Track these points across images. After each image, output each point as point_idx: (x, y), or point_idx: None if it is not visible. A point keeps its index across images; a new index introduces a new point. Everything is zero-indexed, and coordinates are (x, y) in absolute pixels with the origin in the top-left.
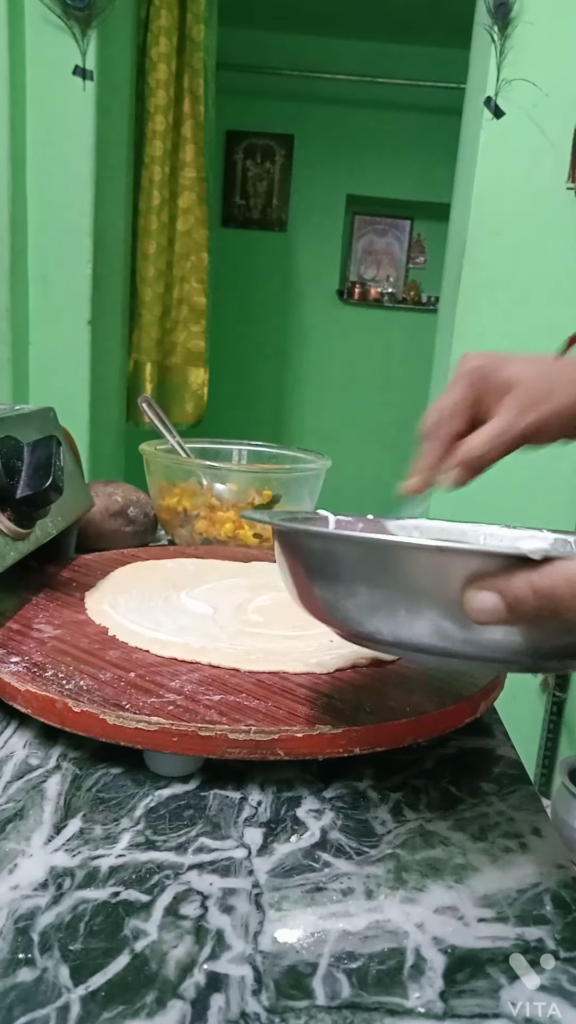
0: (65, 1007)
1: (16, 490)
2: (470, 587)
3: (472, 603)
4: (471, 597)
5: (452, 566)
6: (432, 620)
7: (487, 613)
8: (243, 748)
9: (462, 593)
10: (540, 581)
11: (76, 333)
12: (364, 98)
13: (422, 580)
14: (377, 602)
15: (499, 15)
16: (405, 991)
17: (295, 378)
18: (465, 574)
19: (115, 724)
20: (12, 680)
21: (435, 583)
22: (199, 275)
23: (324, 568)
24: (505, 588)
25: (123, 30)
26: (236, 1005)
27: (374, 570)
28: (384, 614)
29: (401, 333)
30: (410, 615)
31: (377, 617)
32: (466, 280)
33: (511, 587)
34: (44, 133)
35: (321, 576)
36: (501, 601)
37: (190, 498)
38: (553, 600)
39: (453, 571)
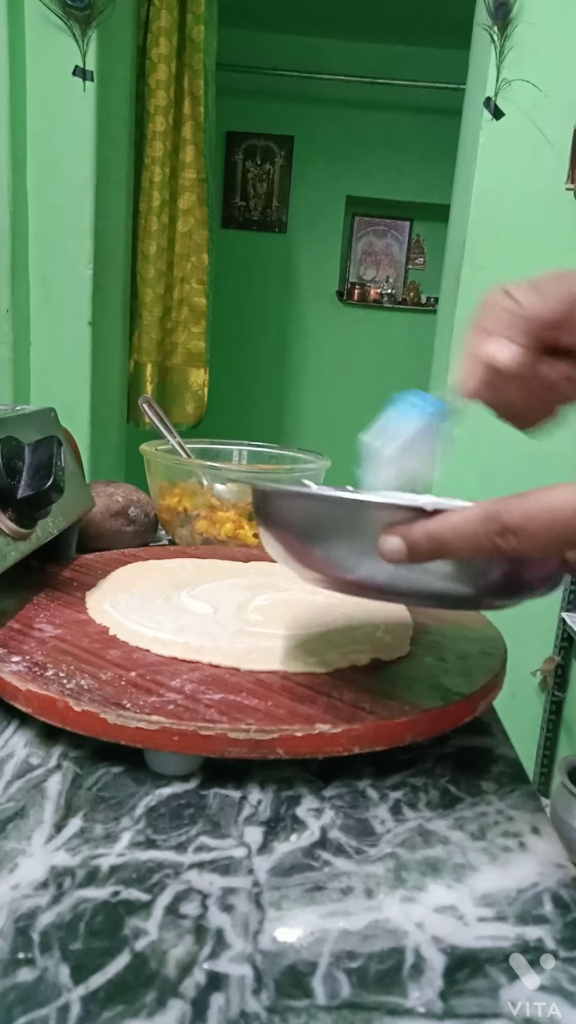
0: (65, 1007)
1: (17, 490)
2: (383, 532)
3: (384, 545)
4: (383, 540)
5: (373, 516)
6: (363, 559)
7: (393, 553)
8: (243, 747)
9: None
10: (431, 527)
11: (77, 334)
12: (364, 99)
13: (353, 527)
14: (326, 546)
15: (499, 15)
16: (405, 991)
17: (295, 378)
18: (382, 523)
19: (116, 723)
20: (13, 679)
21: (363, 529)
22: (199, 276)
23: (288, 521)
24: (406, 533)
25: (123, 31)
26: (236, 1004)
27: (321, 520)
28: (330, 555)
29: (401, 334)
30: (350, 555)
31: (328, 558)
32: (466, 281)
33: (410, 532)
34: (44, 134)
35: (288, 529)
36: (403, 543)
37: (190, 498)
38: (441, 541)
39: (374, 520)
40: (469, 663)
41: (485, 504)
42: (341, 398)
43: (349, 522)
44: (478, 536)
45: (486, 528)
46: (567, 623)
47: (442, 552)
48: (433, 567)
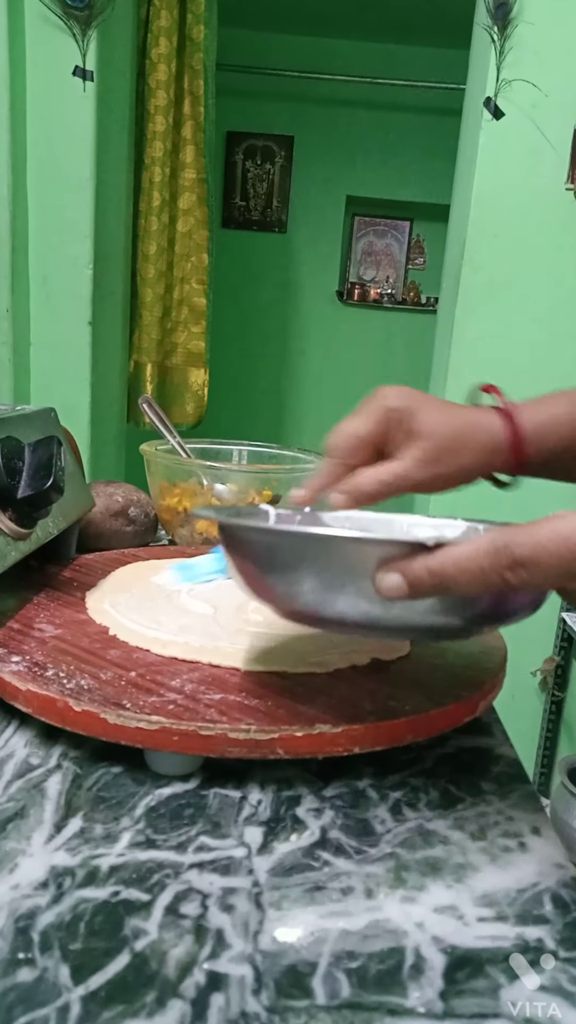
0: (65, 1007)
1: (17, 490)
2: (380, 569)
3: (381, 582)
4: (380, 578)
5: (367, 553)
6: (355, 598)
7: (392, 590)
8: (243, 747)
9: (374, 574)
10: (433, 562)
11: (77, 334)
12: (364, 99)
13: (345, 565)
14: (310, 585)
15: (499, 15)
16: (405, 991)
17: (295, 378)
18: (377, 559)
19: (116, 723)
20: (13, 679)
21: (355, 567)
22: (199, 276)
23: (266, 558)
24: (406, 569)
25: (123, 31)
26: (236, 1004)
27: (308, 558)
28: (315, 594)
29: (401, 334)
30: (337, 594)
31: (309, 597)
32: (465, 281)
33: (411, 568)
34: (44, 134)
35: (263, 566)
36: (403, 580)
37: (190, 498)
38: (443, 577)
39: (368, 557)
40: (468, 663)
41: (491, 536)
42: (341, 398)
43: (341, 559)
44: (485, 571)
45: (494, 562)
46: (567, 623)
47: (445, 588)
48: (420, 602)
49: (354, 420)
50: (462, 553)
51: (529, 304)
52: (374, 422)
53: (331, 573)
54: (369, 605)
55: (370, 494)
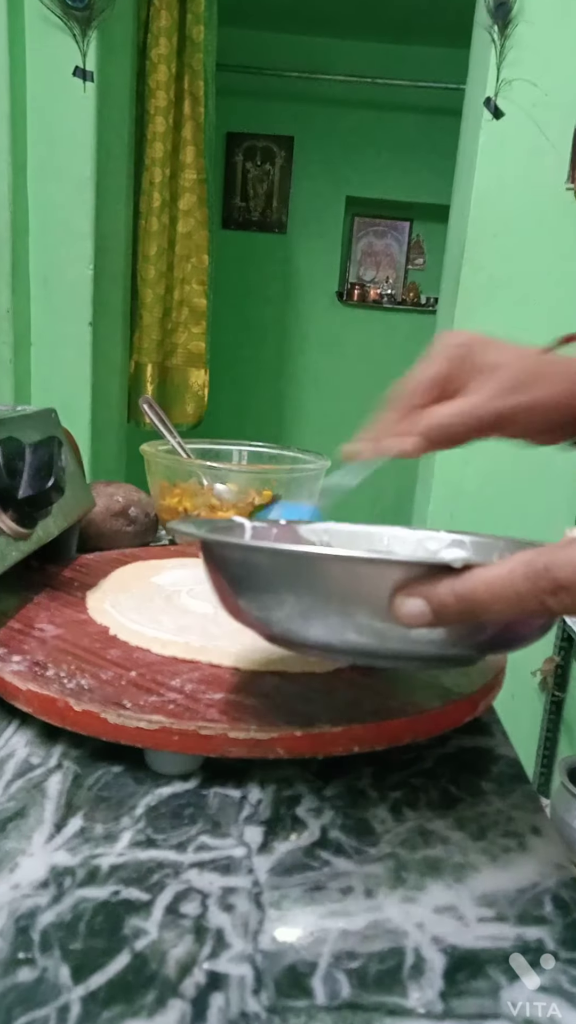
0: (65, 1007)
1: (18, 490)
2: (399, 594)
3: (401, 608)
4: (400, 603)
5: (383, 575)
6: (361, 624)
7: (415, 617)
8: (243, 747)
9: (391, 599)
10: (462, 587)
11: (77, 334)
12: (364, 99)
13: (355, 588)
14: (309, 609)
15: (499, 15)
16: (405, 991)
17: (295, 379)
18: (394, 582)
19: (116, 723)
20: (13, 679)
21: (366, 591)
22: (200, 277)
23: (258, 579)
24: (430, 594)
25: (123, 31)
26: (236, 1004)
27: (309, 580)
28: (315, 620)
29: (401, 334)
30: (341, 620)
31: (306, 623)
32: (465, 281)
33: (436, 593)
34: (44, 134)
35: (254, 586)
36: (427, 606)
37: (191, 498)
38: (473, 603)
39: (383, 580)
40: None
41: (527, 558)
42: (341, 398)
43: (355, 582)
44: (522, 596)
45: (532, 586)
46: (567, 623)
47: (475, 614)
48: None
49: (418, 367)
50: (495, 576)
51: (529, 304)
52: (441, 361)
53: (342, 598)
54: (378, 632)
55: (445, 429)
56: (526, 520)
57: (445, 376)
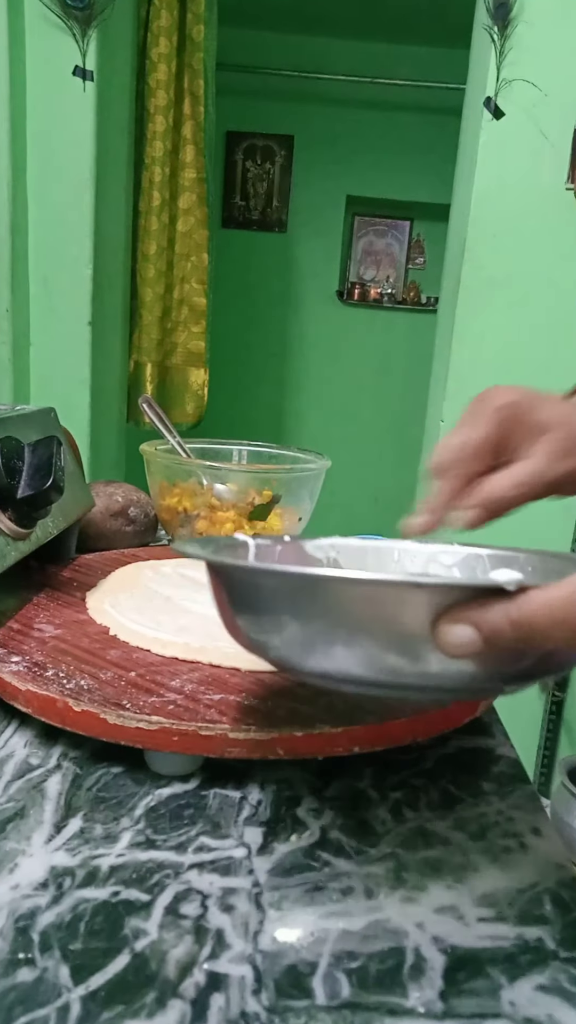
0: (65, 1007)
1: (17, 490)
2: (444, 620)
3: (447, 637)
4: (446, 631)
5: (423, 600)
6: (392, 653)
7: (463, 647)
8: (243, 747)
9: (434, 627)
10: (518, 612)
11: (77, 334)
12: (364, 98)
13: (392, 614)
14: (331, 638)
15: (499, 15)
16: (405, 991)
17: (295, 378)
18: (436, 608)
19: (116, 723)
20: (13, 680)
21: (403, 617)
22: (199, 276)
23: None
24: (481, 620)
25: (123, 30)
26: (236, 1005)
27: (335, 605)
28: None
29: (401, 334)
30: (374, 649)
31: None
32: (466, 281)
33: (487, 619)
34: (44, 134)
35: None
36: (477, 633)
37: (190, 498)
38: (532, 630)
39: (423, 605)
40: None
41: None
42: (341, 398)
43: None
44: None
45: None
46: None
47: (532, 641)
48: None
49: (463, 429)
50: (556, 599)
51: (529, 304)
52: (487, 425)
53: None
54: (413, 661)
55: (507, 501)
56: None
57: (496, 442)
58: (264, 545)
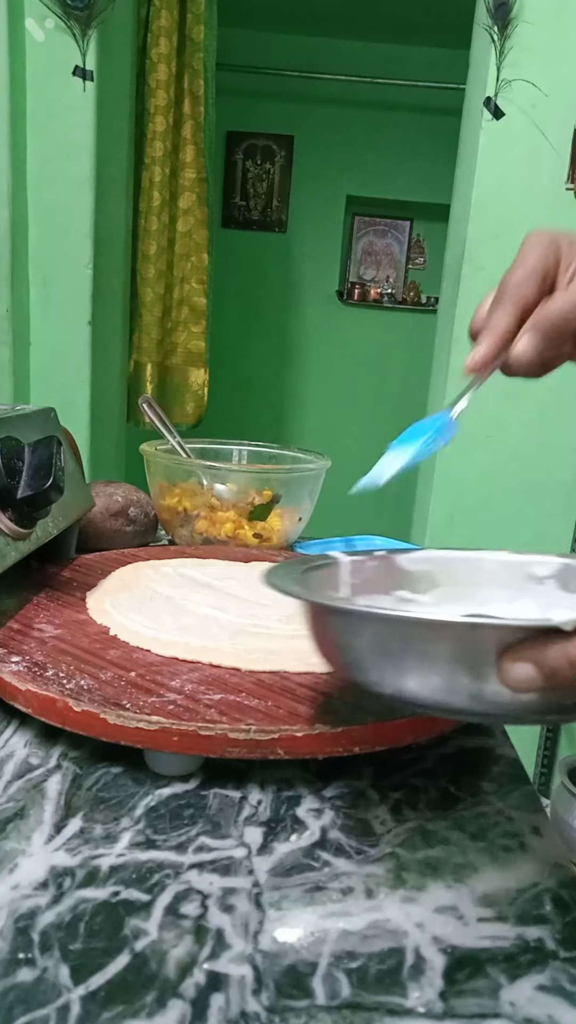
0: (65, 1007)
1: (17, 490)
2: (506, 659)
3: (509, 674)
4: (508, 668)
5: (486, 640)
6: (460, 685)
7: (524, 683)
8: (243, 747)
9: (498, 664)
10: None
11: (77, 334)
12: (364, 98)
13: (455, 651)
14: (408, 669)
15: (499, 15)
16: (405, 991)
17: (295, 378)
18: (499, 646)
19: (115, 723)
20: (13, 680)
21: (469, 654)
22: (199, 276)
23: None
24: (541, 660)
25: (123, 30)
26: (236, 1005)
27: (408, 642)
28: (414, 679)
29: (401, 334)
30: (440, 681)
31: (405, 680)
32: (466, 281)
33: (547, 659)
34: (44, 133)
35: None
36: (537, 672)
37: (190, 498)
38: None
39: (487, 644)
40: None
41: None
42: (341, 398)
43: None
44: None
45: None
46: None
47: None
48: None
49: (515, 265)
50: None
51: None
52: (538, 252)
53: (442, 659)
54: (480, 694)
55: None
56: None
57: (550, 262)
58: (357, 562)
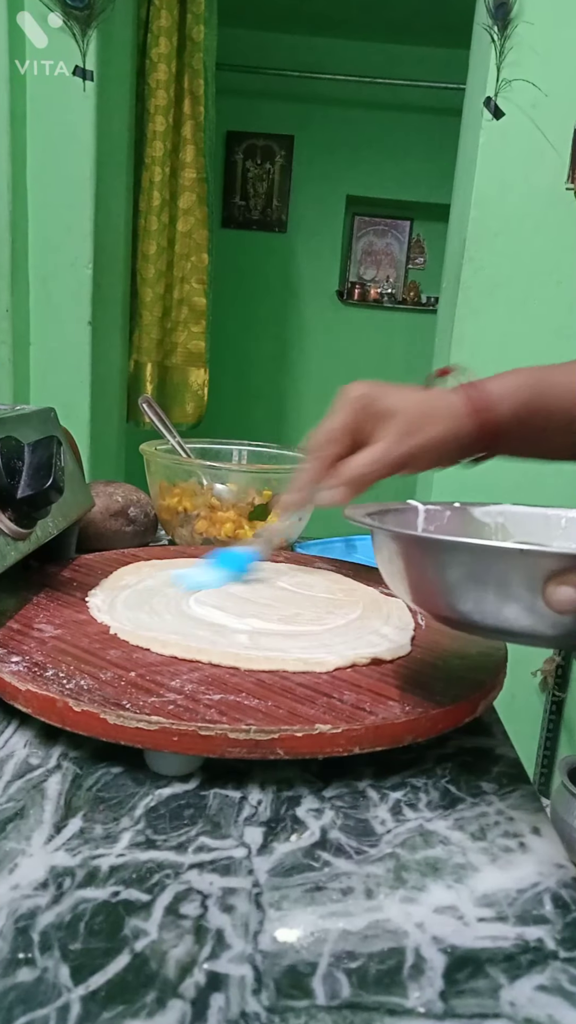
0: (65, 1007)
1: (17, 490)
2: (550, 583)
3: (553, 596)
4: (552, 591)
5: (535, 566)
6: (518, 608)
7: (566, 603)
8: (243, 747)
9: (543, 588)
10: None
11: (77, 333)
12: (364, 98)
13: (511, 577)
14: (472, 594)
15: (499, 15)
16: (405, 991)
17: (295, 378)
18: (546, 572)
19: (115, 724)
20: (13, 680)
21: (522, 579)
22: (199, 276)
23: (430, 566)
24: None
25: (123, 30)
26: (236, 1005)
27: (473, 568)
28: (478, 603)
29: (401, 334)
30: (499, 604)
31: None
32: (466, 281)
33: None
34: (44, 134)
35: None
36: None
37: (190, 498)
38: None
39: (536, 569)
40: (469, 663)
41: None
42: None
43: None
44: None
45: None
46: None
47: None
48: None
49: (327, 419)
50: None
51: (529, 304)
52: (347, 413)
53: (499, 585)
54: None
55: (364, 477)
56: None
57: (352, 426)
58: (433, 511)
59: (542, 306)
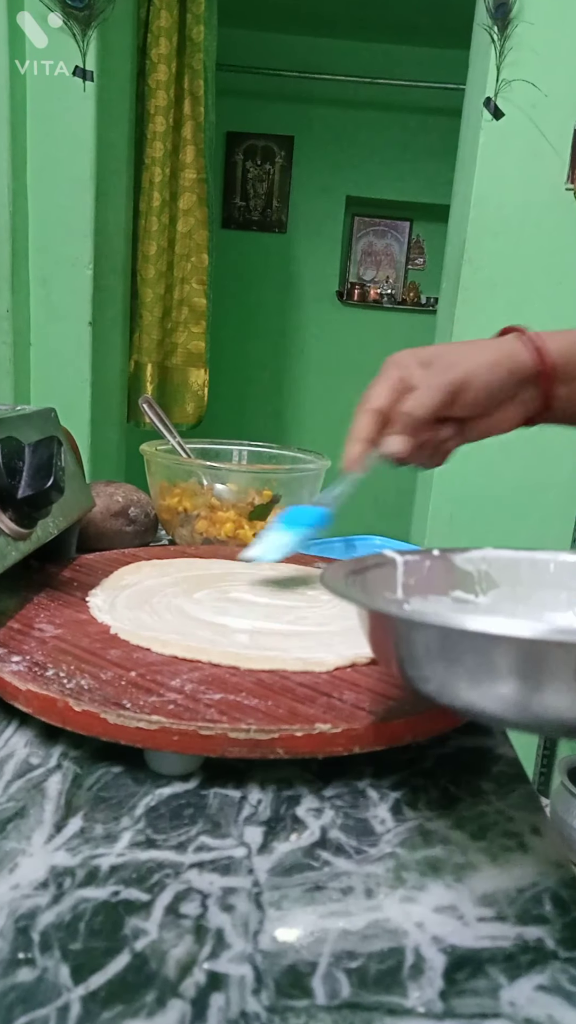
0: (65, 1007)
1: (17, 490)
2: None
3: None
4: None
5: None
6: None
7: None
8: (243, 747)
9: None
10: None
11: (77, 334)
12: (364, 99)
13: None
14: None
15: (499, 15)
16: (405, 991)
17: (295, 379)
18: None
19: (116, 723)
20: (13, 679)
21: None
22: (199, 276)
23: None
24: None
25: (123, 31)
26: (236, 1004)
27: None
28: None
29: (400, 334)
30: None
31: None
32: (465, 281)
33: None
34: (44, 134)
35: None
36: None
37: (190, 498)
38: None
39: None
40: None
41: None
42: (341, 398)
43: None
44: None
45: None
46: None
47: None
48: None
49: (375, 381)
50: None
51: (529, 304)
52: (390, 370)
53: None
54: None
55: (411, 417)
56: (526, 519)
57: (398, 379)
58: (412, 562)
59: (542, 306)
